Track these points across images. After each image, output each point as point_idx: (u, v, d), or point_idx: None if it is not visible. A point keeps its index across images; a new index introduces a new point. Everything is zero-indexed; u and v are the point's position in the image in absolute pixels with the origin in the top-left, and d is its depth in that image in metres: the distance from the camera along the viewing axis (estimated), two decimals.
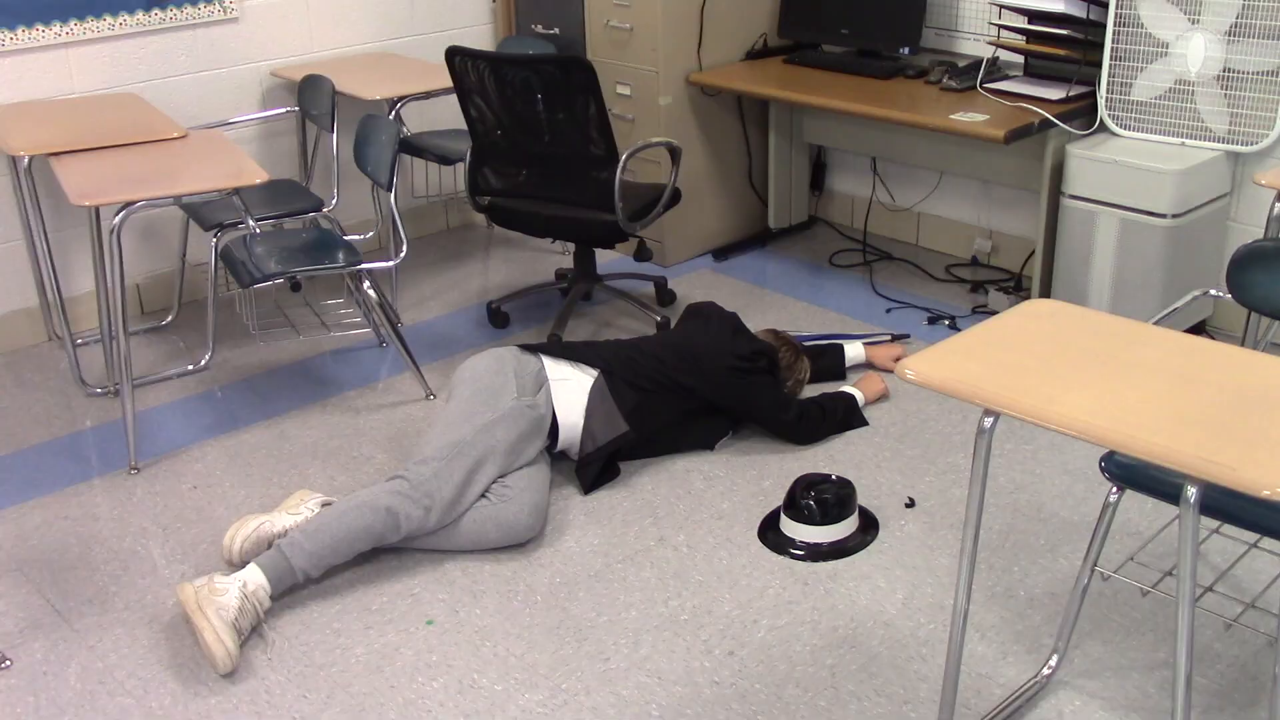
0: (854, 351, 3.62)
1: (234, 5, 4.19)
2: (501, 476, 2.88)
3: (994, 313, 3.31)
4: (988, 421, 1.92)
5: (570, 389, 3.05)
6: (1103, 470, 2.17)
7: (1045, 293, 3.84)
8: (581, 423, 3.06)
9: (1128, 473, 2.15)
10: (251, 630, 2.59)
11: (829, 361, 3.58)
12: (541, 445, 2.98)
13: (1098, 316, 2.04)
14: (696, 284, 4.35)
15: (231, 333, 4.10)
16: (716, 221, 4.63)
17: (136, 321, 4.18)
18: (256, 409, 3.58)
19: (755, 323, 3.94)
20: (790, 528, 2.88)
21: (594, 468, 3.07)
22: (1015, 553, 2.82)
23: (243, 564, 2.69)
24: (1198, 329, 3.79)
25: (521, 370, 3.01)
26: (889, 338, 3.86)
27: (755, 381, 3.20)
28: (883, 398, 3.48)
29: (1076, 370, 1.85)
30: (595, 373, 3.09)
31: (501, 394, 2.93)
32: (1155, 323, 2.06)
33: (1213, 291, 2.52)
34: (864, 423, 3.37)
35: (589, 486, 3.08)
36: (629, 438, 3.08)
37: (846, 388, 3.42)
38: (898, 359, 3.53)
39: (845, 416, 3.35)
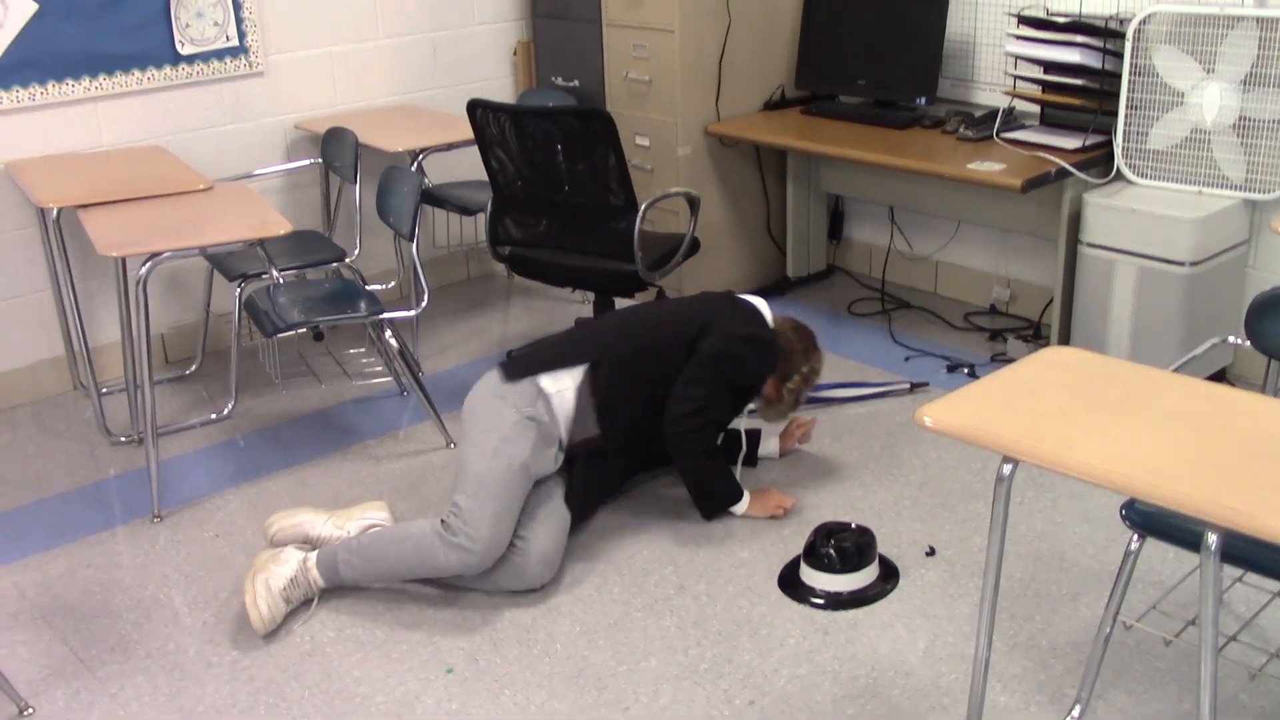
0: (769, 447, 3.46)
1: (259, 60, 4.26)
2: (523, 513, 2.90)
3: (1013, 361, 3.32)
4: (1007, 468, 1.92)
5: (567, 399, 3.02)
6: (1123, 518, 2.17)
7: (1064, 340, 3.84)
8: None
9: (1148, 520, 2.14)
10: (302, 601, 2.85)
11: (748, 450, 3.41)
12: (555, 452, 2.99)
13: (1117, 364, 2.04)
14: None
15: (254, 382, 4.13)
16: (735, 270, 4.66)
17: (161, 371, 4.22)
18: (279, 457, 3.60)
19: None
20: (810, 576, 2.87)
21: (575, 486, 3.04)
22: (1037, 601, 2.80)
23: (275, 544, 3.02)
24: (1218, 377, 3.78)
25: (508, 391, 2.99)
26: (907, 386, 3.86)
27: (712, 374, 3.07)
28: (772, 517, 3.17)
29: (1096, 417, 1.85)
30: (583, 369, 3.04)
31: (501, 414, 2.95)
32: (1174, 370, 2.07)
33: (1232, 339, 2.52)
34: (709, 517, 3.16)
35: (575, 512, 3.04)
36: (596, 443, 3.04)
37: (748, 490, 3.18)
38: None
39: (716, 491, 3.15)
